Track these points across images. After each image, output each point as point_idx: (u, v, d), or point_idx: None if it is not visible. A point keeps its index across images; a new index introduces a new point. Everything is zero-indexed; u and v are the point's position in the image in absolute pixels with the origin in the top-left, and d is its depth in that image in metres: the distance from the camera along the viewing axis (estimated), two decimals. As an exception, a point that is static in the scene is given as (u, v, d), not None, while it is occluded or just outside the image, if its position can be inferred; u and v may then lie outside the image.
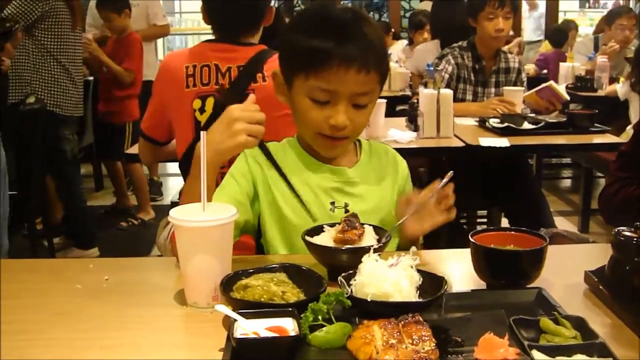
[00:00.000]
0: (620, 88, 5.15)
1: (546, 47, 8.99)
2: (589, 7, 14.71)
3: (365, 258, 1.27)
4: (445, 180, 1.61)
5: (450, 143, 3.15)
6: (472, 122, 3.65)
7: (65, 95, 4.51)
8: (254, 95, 1.66)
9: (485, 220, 4.52)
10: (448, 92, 3.22)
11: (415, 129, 3.32)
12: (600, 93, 5.57)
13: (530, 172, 4.02)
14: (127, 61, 5.51)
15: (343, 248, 1.45)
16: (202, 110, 2.36)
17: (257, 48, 2.44)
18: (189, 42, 13.00)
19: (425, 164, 4.15)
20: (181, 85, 2.37)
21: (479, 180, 3.73)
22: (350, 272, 1.30)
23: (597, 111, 3.46)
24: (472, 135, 3.27)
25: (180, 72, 2.37)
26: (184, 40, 13.89)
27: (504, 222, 4.12)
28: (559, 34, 7.92)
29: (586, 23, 13.85)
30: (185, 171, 2.45)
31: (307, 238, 1.49)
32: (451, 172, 1.61)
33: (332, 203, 1.76)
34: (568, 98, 3.82)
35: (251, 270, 1.35)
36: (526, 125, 3.36)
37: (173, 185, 7.02)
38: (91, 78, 5.83)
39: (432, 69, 3.54)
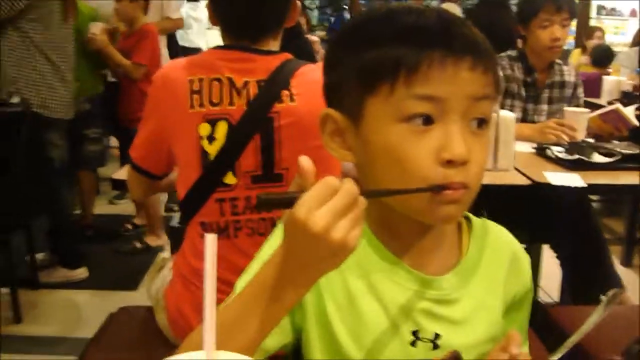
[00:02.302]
0: (674, 107, 4.61)
1: (576, 57, 8.49)
2: (606, 14, 14.19)
3: None
4: None
5: (513, 179, 2.57)
6: (528, 147, 3.08)
7: (53, 95, 3.95)
8: (307, 159, 0.88)
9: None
10: (510, 116, 2.65)
11: (466, 157, 2.75)
12: (651, 112, 5.00)
13: (588, 204, 3.46)
14: (136, 54, 4.87)
15: None
16: (211, 138, 1.80)
17: (281, 57, 1.89)
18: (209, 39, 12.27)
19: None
20: (184, 104, 1.81)
21: (524, 212, 3.19)
22: None
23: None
24: (533, 168, 2.70)
25: (183, 87, 1.81)
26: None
27: (547, 255, 3.58)
28: (603, 53, 7.25)
29: (609, 31, 13.35)
30: (187, 217, 1.90)
31: None
32: None
33: (415, 333, 1.12)
34: (637, 124, 3.26)
35: None
36: (597, 158, 2.78)
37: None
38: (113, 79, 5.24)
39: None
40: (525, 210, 3.17)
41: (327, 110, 1.11)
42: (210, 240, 0.71)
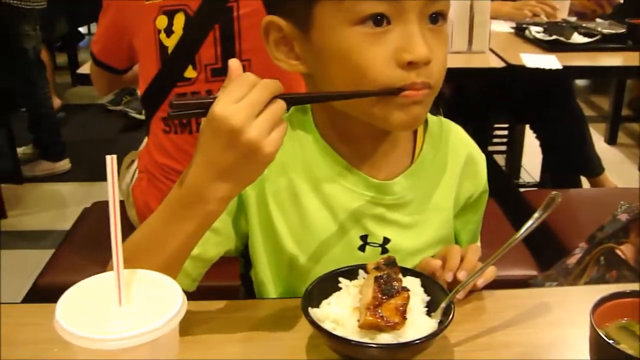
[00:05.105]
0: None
1: None
2: None
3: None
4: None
5: (486, 61, 2.52)
6: (506, 28, 3.02)
7: (24, -16, 3.84)
8: (236, 61, 0.90)
9: (505, 140, 3.90)
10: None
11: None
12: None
13: (569, 84, 3.41)
14: None
15: (374, 345, 0.83)
16: (169, 31, 1.73)
17: None
18: None
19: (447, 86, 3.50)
20: (139, -5, 1.74)
21: (504, 92, 3.15)
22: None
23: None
24: (509, 49, 2.64)
25: None
26: None
27: (529, 141, 3.55)
28: None
29: None
30: (149, 112, 1.86)
31: (314, 312, 0.88)
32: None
33: (364, 237, 1.09)
34: (622, 0, 3.18)
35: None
36: (577, 38, 2.71)
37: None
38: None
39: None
40: (505, 91, 3.14)
41: (269, 18, 1.01)
42: (110, 161, 0.68)
